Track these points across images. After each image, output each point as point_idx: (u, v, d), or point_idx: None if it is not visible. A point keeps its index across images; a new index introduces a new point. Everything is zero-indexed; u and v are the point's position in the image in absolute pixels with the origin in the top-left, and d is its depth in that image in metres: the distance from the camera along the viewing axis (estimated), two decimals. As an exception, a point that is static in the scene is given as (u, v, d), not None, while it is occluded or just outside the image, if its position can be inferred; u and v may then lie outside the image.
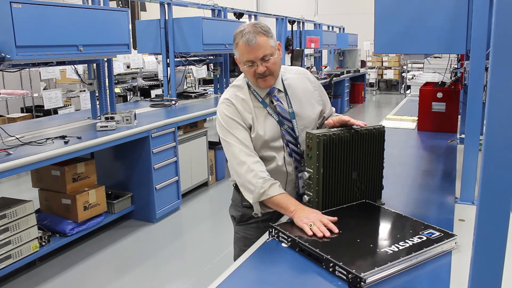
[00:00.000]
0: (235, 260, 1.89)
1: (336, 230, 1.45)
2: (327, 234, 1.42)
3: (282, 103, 1.77)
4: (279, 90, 1.79)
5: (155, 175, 4.06)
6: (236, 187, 1.90)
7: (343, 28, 12.16)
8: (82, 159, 3.69)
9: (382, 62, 14.47)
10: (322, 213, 1.55)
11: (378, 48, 2.13)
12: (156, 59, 7.40)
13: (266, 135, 1.74)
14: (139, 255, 3.59)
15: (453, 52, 2.55)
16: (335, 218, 1.50)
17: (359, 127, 1.68)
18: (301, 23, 8.98)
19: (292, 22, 8.41)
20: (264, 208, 1.69)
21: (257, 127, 1.74)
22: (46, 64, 3.48)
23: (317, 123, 1.86)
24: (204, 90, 6.60)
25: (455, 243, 1.41)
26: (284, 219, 1.68)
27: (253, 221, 1.87)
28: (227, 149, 1.74)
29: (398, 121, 3.59)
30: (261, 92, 1.77)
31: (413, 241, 1.37)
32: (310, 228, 1.44)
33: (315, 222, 1.46)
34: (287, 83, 1.82)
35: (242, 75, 1.83)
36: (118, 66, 6.62)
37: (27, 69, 5.74)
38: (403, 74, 13.26)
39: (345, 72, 10.60)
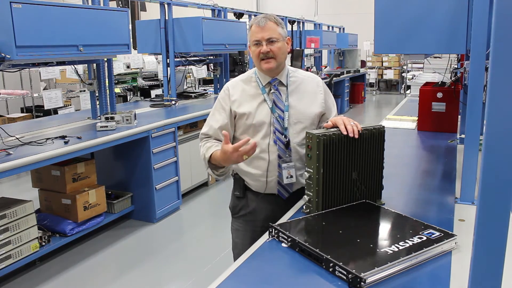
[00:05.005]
0: (233, 250, 2.05)
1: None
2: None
3: (280, 95, 1.86)
4: (281, 83, 1.88)
5: (155, 175, 4.06)
6: (235, 178, 1.97)
7: (343, 28, 12.16)
8: (82, 159, 3.69)
9: (382, 62, 14.47)
10: (323, 213, 1.59)
11: (378, 48, 2.14)
12: (156, 59, 7.38)
13: (255, 118, 1.83)
14: (139, 255, 3.59)
15: (453, 52, 2.55)
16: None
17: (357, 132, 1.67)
18: (301, 23, 8.98)
19: (292, 22, 8.40)
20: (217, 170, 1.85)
21: (247, 109, 1.85)
22: (46, 64, 3.48)
23: (314, 123, 1.89)
24: (204, 90, 6.60)
25: (455, 243, 1.41)
26: (283, 220, 1.67)
27: (241, 214, 1.98)
28: (208, 118, 1.96)
29: (398, 121, 3.59)
30: (264, 80, 1.88)
31: (413, 241, 1.37)
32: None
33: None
34: (293, 80, 1.90)
35: (253, 68, 1.96)
36: (118, 66, 6.61)
37: (27, 69, 5.73)
38: (403, 74, 13.25)
39: (345, 72, 10.59)
